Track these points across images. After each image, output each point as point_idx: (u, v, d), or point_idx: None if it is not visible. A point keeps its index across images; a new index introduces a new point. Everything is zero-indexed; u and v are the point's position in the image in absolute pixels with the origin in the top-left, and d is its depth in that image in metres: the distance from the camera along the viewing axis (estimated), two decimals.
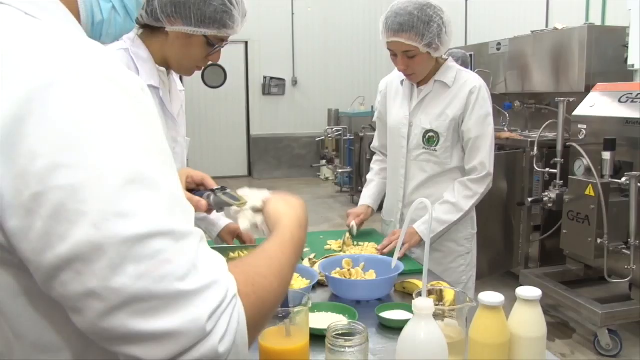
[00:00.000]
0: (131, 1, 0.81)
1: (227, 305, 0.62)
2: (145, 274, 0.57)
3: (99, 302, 0.56)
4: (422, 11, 1.93)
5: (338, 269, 1.68)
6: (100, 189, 0.57)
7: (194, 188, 1.41)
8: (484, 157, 2.05)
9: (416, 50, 1.97)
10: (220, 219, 1.95)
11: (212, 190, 1.38)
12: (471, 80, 2.09)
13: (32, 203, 0.56)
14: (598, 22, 5.04)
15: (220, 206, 1.40)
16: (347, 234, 2.14)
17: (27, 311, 0.63)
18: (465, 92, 2.06)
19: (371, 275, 1.65)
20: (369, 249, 2.02)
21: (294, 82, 10.02)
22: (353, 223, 2.20)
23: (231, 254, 1.73)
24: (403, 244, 1.99)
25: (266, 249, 0.81)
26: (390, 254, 1.69)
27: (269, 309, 0.72)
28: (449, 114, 2.07)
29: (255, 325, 0.67)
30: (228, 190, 1.42)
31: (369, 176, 2.45)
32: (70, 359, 0.65)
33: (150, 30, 1.59)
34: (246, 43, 9.65)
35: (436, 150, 2.10)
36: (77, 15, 0.74)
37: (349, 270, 1.67)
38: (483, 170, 2.06)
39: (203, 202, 1.32)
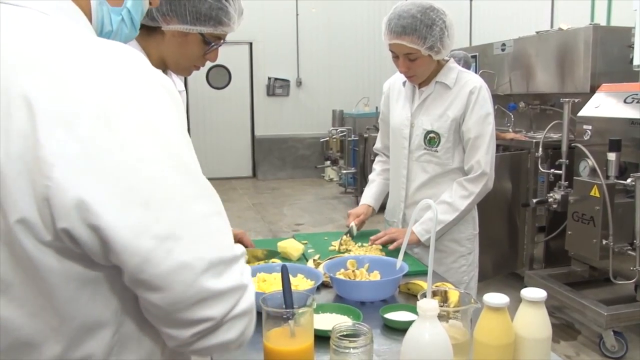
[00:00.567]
0: (137, 13, 0.87)
1: (248, 271, 0.80)
2: (216, 244, 0.72)
3: (189, 271, 0.69)
4: (425, 14, 1.93)
5: (342, 270, 1.68)
6: (180, 177, 0.71)
7: None
8: (480, 156, 2.05)
9: (418, 53, 1.97)
10: None
11: None
12: (472, 80, 2.09)
13: (127, 194, 0.66)
14: (603, 23, 5.02)
15: None
16: (344, 236, 2.14)
17: (80, 294, 0.71)
18: (466, 92, 2.06)
19: (375, 276, 1.65)
20: (373, 250, 2.02)
21: (299, 83, 10.03)
22: (353, 224, 2.21)
23: None
24: (395, 241, 2.04)
25: None
26: (394, 254, 1.69)
27: None
28: (450, 115, 2.07)
29: None
30: None
31: (370, 176, 2.46)
32: (110, 335, 0.74)
33: (146, 31, 1.58)
34: (250, 44, 9.67)
35: (437, 151, 2.11)
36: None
37: (353, 271, 1.67)
38: (478, 168, 2.05)
39: None
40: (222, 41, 1.60)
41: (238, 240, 1.97)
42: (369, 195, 2.37)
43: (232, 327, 0.75)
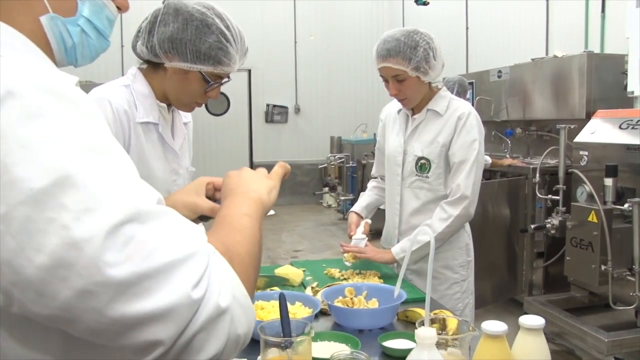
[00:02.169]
0: (101, 21, 0.81)
1: (211, 267, 0.65)
2: (127, 259, 0.58)
3: (94, 299, 0.57)
4: (408, 37, 2.02)
5: (341, 298, 1.67)
6: (61, 194, 0.57)
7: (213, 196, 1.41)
8: (460, 180, 2.08)
9: (405, 74, 2.04)
10: None
11: None
12: (461, 107, 2.15)
13: (0, 225, 0.56)
14: (597, 50, 5.08)
15: None
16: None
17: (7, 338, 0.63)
18: (455, 118, 2.12)
19: (374, 303, 1.65)
20: (371, 277, 2.02)
21: (297, 110, 10.10)
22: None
23: None
24: (365, 254, 2.11)
25: (235, 219, 0.84)
26: (392, 282, 1.69)
27: (247, 260, 0.76)
28: (440, 141, 2.12)
29: (245, 279, 0.71)
30: None
31: (362, 193, 2.52)
32: None
33: (152, 66, 1.62)
34: (249, 71, 9.75)
35: (428, 177, 2.15)
36: (45, 45, 0.75)
37: (351, 298, 1.67)
38: (458, 191, 2.08)
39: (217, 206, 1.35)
40: (223, 80, 1.62)
41: None
42: (358, 204, 2.44)
43: (202, 345, 0.63)
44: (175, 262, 0.61)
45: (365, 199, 2.45)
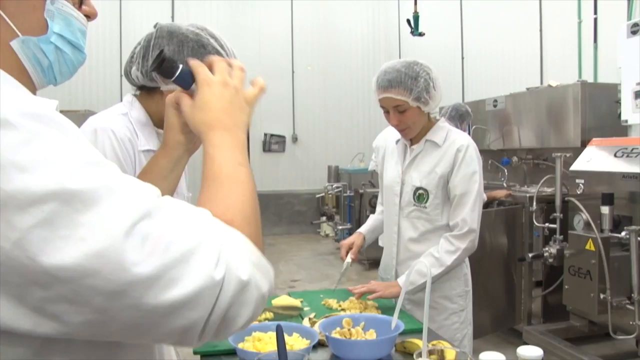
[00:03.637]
0: (74, 33, 0.78)
1: (225, 244, 0.68)
2: (148, 255, 0.61)
3: (126, 298, 0.60)
4: (409, 68, 2.05)
5: (338, 329, 1.66)
6: (71, 210, 0.58)
7: None
8: (466, 214, 2.08)
9: (406, 104, 2.06)
10: None
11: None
12: (459, 139, 2.16)
13: (16, 251, 0.56)
14: (590, 79, 5.15)
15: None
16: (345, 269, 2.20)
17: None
18: (453, 150, 2.13)
19: (371, 334, 1.64)
20: (369, 308, 2.01)
21: (294, 139, 10.15)
22: (348, 261, 2.26)
23: None
24: (374, 292, 2.07)
25: (234, 173, 0.85)
26: (390, 312, 1.68)
27: (254, 218, 0.79)
28: (438, 172, 2.13)
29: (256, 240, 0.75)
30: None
31: (371, 215, 2.53)
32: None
33: (147, 92, 1.61)
34: None
35: (426, 207, 2.15)
36: (20, 70, 0.73)
37: (349, 329, 1.66)
38: (464, 226, 2.08)
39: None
40: None
41: None
42: (363, 226, 2.44)
43: (235, 314, 0.67)
44: (192, 249, 0.64)
45: (370, 221, 2.46)
